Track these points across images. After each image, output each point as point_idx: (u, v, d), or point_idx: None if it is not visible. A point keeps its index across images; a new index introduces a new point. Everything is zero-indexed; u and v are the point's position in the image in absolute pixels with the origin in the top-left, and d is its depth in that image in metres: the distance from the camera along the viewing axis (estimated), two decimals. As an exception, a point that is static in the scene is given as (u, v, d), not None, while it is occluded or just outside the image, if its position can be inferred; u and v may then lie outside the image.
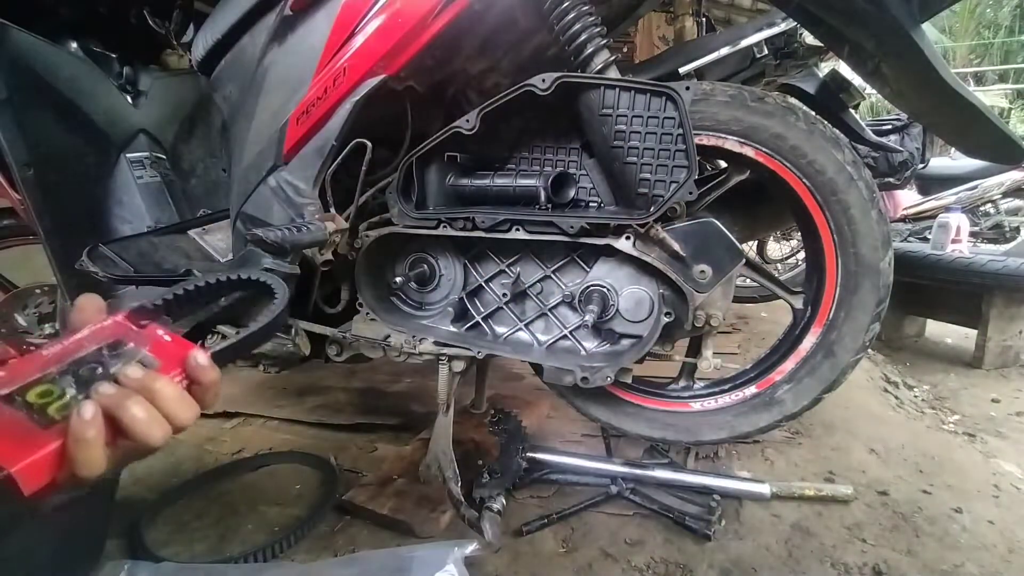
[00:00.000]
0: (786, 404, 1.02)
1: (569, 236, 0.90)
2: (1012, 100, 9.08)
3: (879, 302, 0.95)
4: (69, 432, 0.36)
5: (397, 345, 1.04)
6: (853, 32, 0.89)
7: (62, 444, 0.36)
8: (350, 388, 1.79)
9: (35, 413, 0.37)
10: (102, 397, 0.38)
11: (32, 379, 0.38)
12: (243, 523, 1.11)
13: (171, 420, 0.41)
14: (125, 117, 1.36)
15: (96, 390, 0.38)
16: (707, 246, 0.89)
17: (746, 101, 0.93)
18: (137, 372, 0.40)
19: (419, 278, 1.06)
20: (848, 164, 0.91)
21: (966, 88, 0.84)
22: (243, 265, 0.98)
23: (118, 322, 0.44)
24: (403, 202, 0.98)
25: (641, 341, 0.95)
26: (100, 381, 0.39)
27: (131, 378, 0.40)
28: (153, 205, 1.35)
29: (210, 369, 0.44)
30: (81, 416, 0.36)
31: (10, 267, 1.62)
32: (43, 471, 0.35)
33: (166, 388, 0.41)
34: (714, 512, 1.06)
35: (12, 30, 1.14)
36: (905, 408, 1.75)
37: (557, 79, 0.85)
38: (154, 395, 0.40)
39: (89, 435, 0.36)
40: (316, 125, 0.93)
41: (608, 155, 0.91)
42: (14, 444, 0.35)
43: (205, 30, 1.11)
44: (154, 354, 0.42)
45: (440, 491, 1.09)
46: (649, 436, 1.10)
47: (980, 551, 1.01)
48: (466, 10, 0.85)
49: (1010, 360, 2.24)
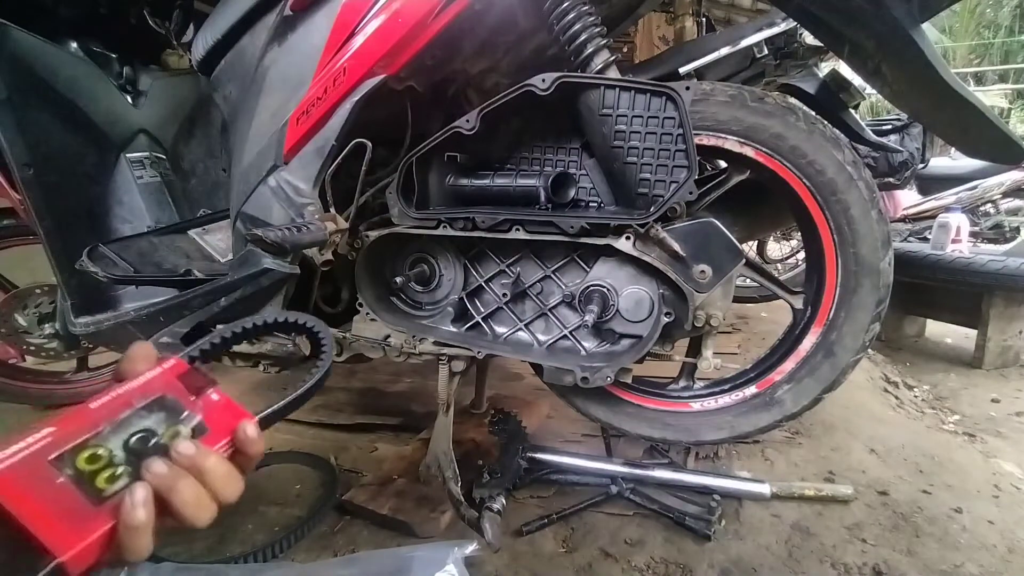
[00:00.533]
0: (786, 404, 1.02)
1: (569, 236, 0.90)
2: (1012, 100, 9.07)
3: (879, 302, 0.95)
4: (121, 517, 0.34)
5: (397, 345, 1.04)
6: (853, 32, 0.89)
7: (112, 528, 0.34)
8: (350, 388, 1.79)
9: (84, 483, 0.34)
10: (154, 477, 0.36)
11: (83, 440, 0.36)
12: (243, 523, 1.11)
13: (217, 499, 0.39)
14: (125, 117, 1.36)
15: (148, 468, 0.36)
16: (707, 246, 0.89)
17: (746, 101, 0.93)
18: (190, 449, 0.38)
19: (419, 278, 1.06)
20: (848, 164, 0.91)
21: (966, 88, 0.83)
22: (243, 265, 0.98)
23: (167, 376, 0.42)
24: (403, 202, 0.98)
25: (641, 341, 0.95)
26: (151, 457, 0.37)
27: (183, 456, 0.38)
28: (153, 205, 1.35)
29: (259, 441, 0.42)
30: (134, 502, 0.35)
31: (10, 267, 1.62)
32: (91, 556, 0.33)
33: (218, 468, 0.39)
34: (714, 512, 1.06)
35: (12, 30, 1.14)
36: (905, 408, 1.75)
37: (557, 79, 0.85)
38: (205, 475, 0.38)
39: (140, 522, 0.35)
40: (316, 125, 0.93)
41: (608, 155, 0.91)
42: (63, 525, 0.32)
43: (205, 30, 1.11)
44: (204, 418, 0.40)
45: (440, 491, 1.09)
46: (649, 436, 1.10)
47: (980, 551, 1.01)
48: (466, 10, 0.85)
49: (1010, 360, 2.24)
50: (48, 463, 0.34)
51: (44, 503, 0.33)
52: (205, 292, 1.02)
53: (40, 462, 0.34)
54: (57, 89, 1.21)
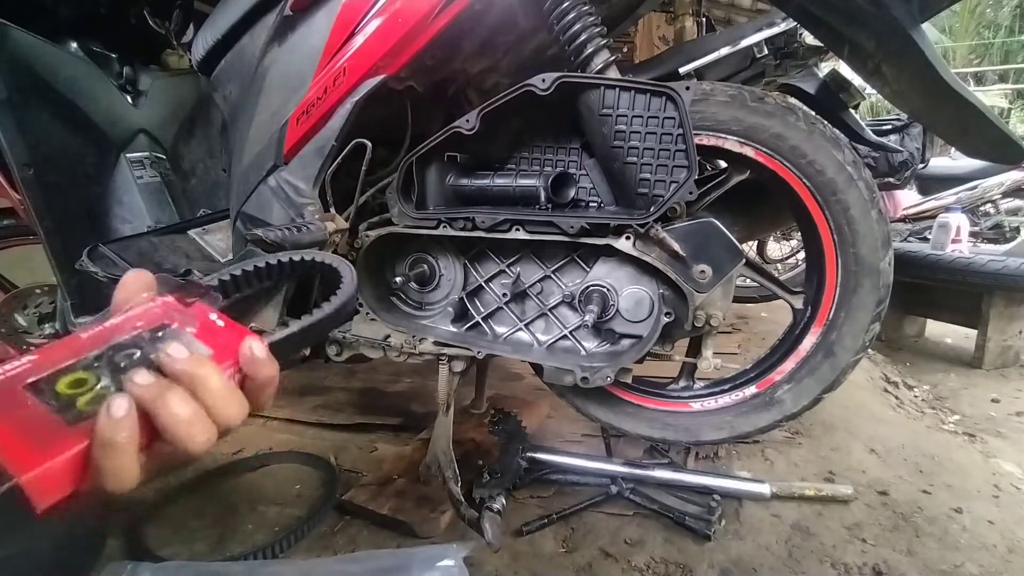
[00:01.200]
0: (786, 404, 1.02)
1: (569, 236, 0.90)
2: (1012, 100, 9.07)
3: (879, 302, 0.95)
4: (95, 433, 0.29)
5: (397, 345, 1.04)
6: (853, 32, 0.89)
7: (87, 447, 0.29)
8: (350, 388, 1.79)
9: (62, 406, 0.31)
10: (137, 388, 0.31)
11: (64, 365, 0.32)
12: (243, 523, 1.11)
13: (217, 419, 0.33)
14: (125, 117, 1.36)
15: (131, 379, 0.31)
16: (707, 246, 0.89)
17: (746, 101, 0.93)
18: (181, 353, 0.33)
19: (419, 278, 1.06)
20: (848, 164, 0.91)
21: (966, 88, 0.84)
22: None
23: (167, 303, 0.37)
24: (403, 202, 0.98)
25: (641, 341, 0.95)
26: (136, 368, 0.32)
27: (174, 360, 0.33)
28: (153, 205, 1.35)
29: (268, 363, 0.36)
30: (111, 413, 0.30)
31: (10, 267, 1.62)
32: (60, 481, 0.29)
33: (212, 378, 0.33)
34: (714, 512, 1.06)
35: (12, 30, 1.14)
36: (905, 408, 1.75)
37: (557, 79, 0.85)
38: (198, 387, 0.33)
39: (120, 437, 0.29)
40: (316, 125, 0.93)
41: (608, 155, 0.91)
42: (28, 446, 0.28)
43: (205, 30, 1.11)
44: (202, 340, 0.35)
45: (440, 491, 1.09)
46: (649, 436, 1.10)
47: (980, 551, 1.01)
48: (466, 10, 0.85)
49: (1010, 360, 2.24)
50: (23, 388, 0.31)
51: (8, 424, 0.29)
52: (205, 292, 1.01)
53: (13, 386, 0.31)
54: (57, 89, 1.22)
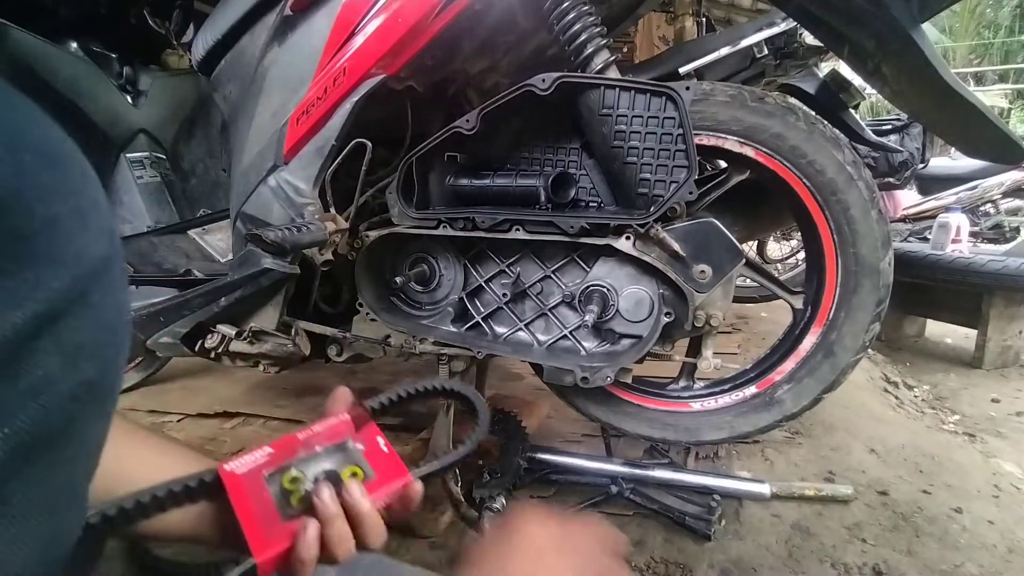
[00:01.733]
0: (786, 404, 1.02)
1: (569, 236, 0.90)
2: (1012, 100, 9.08)
3: (879, 302, 0.95)
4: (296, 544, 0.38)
5: (397, 345, 1.04)
6: (853, 32, 0.89)
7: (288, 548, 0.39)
8: (350, 388, 1.79)
9: (282, 501, 0.40)
10: (320, 504, 0.40)
11: (286, 463, 0.42)
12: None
13: (360, 541, 0.42)
14: (125, 117, 1.36)
15: (320, 496, 0.40)
16: (707, 246, 0.89)
17: (746, 101, 0.92)
18: (357, 492, 0.42)
19: (419, 278, 1.06)
20: (848, 164, 0.91)
21: (966, 88, 0.84)
22: (243, 265, 0.98)
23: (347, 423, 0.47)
24: (403, 202, 0.98)
25: (641, 341, 0.95)
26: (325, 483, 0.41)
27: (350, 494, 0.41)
28: (153, 205, 1.36)
29: (419, 498, 0.46)
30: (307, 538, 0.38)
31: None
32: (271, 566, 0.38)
33: (370, 518, 0.42)
34: (714, 512, 1.06)
35: (12, 30, 1.14)
36: (905, 408, 1.75)
37: (557, 79, 0.85)
38: (357, 518, 0.41)
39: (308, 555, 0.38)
40: (316, 125, 0.93)
41: (608, 155, 0.91)
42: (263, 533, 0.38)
43: (205, 30, 1.11)
44: (369, 461, 0.45)
45: (440, 491, 1.09)
46: (649, 436, 1.10)
47: (980, 551, 1.01)
48: (466, 10, 0.85)
49: (1010, 360, 2.24)
50: (264, 477, 0.41)
51: (256, 509, 0.39)
52: (205, 292, 1.02)
53: (259, 474, 0.41)
54: (57, 89, 1.22)
